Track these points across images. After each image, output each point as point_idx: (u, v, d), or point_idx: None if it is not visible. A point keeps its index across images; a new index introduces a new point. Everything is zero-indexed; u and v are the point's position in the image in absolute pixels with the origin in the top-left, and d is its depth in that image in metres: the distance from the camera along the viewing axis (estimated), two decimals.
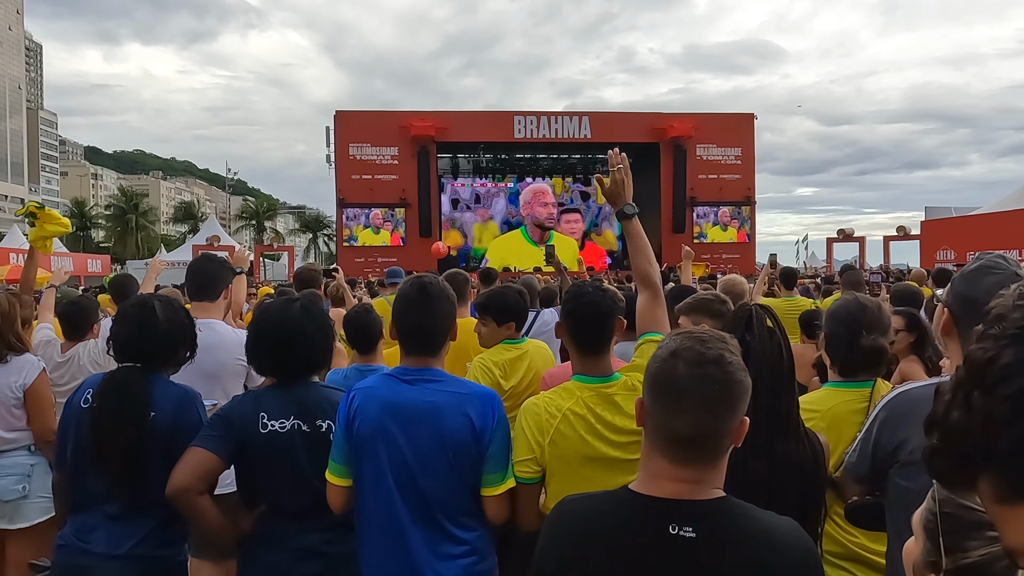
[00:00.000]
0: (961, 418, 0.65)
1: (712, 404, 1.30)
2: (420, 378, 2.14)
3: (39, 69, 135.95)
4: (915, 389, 1.99)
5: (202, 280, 3.32)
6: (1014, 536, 0.64)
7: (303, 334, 2.35)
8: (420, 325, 2.18)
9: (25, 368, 3.33)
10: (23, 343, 3.41)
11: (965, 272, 1.85)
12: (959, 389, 0.66)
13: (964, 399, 0.65)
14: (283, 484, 2.28)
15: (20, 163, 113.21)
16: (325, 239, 62.60)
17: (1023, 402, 0.61)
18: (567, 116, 28.63)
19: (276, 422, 2.28)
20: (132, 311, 2.49)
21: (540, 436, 2.08)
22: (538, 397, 2.20)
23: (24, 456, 3.37)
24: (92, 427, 2.34)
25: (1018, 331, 0.65)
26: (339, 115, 28.41)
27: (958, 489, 0.72)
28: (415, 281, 2.23)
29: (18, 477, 3.33)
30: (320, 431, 2.27)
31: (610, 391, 2.14)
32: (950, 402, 0.67)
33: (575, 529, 1.41)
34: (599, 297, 2.25)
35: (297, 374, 2.38)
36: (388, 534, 2.09)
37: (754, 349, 1.88)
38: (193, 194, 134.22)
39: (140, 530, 2.34)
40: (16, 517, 3.34)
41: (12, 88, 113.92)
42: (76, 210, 68.63)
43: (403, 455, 2.08)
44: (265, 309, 2.48)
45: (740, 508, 1.35)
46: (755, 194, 29.42)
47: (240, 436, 2.27)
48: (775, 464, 1.84)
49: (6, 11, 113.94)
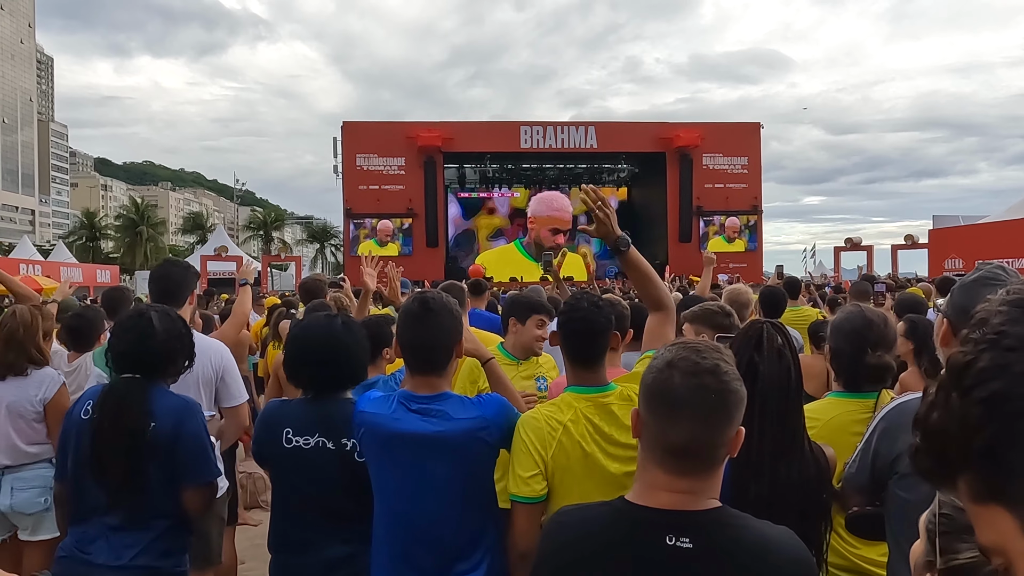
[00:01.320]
0: (940, 419, 0.67)
1: (708, 414, 1.31)
2: (428, 406, 2.09)
3: (50, 81, 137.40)
4: (913, 400, 1.98)
5: (166, 286, 3.30)
6: (987, 535, 0.66)
7: (346, 351, 2.38)
8: (424, 342, 2.15)
9: (46, 382, 3.37)
10: (44, 356, 3.46)
11: (964, 283, 1.84)
12: (940, 390, 0.68)
13: (944, 400, 0.67)
14: (308, 497, 2.30)
15: (31, 174, 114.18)
16: (332, 249, 62.79)
17: (996, 406, 0.63)
18: (573, 126, 28.67)
19: (301, 438, 2.30)
20: (130, 322, 2.50)
21: (543, 450, 2.05)
22: (535, 411, 2.17)
23: (46, 469, 3.39)
24: (92, 438, 2.35)
25: (996, 336, 0.66)
26: (346, 126, 28.55)
27: (941, 488, 0.74)
28: (418, 297, 2.20)
29: (40, 490, 3.35)
30: (345, 449, 2.27)
31: (606, 400, 2.12)
32: (932, 403, 0.68)
33: (572, 540, 1.41)
34: (592, 314, 2.19)
35: (330, 389, 2.39)
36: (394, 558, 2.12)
37: (762, 372, 1.86)
38: (202, 205, 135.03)
39: (141, 541, 2.35)
40: (39, 529, 3.36)
41: (23, 100, 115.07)
42: (86, 221, 69.10)
43: (404, 488, 2.09)
44: (307, 326, 2.49)
45: (736, 518, 1.35)
46: (762, 203, 29.39)
47: (260, 447, 2.33)
48: (777, 487, 1.82)
49: (18, 25, 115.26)
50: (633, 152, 29.33)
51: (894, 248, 27.42)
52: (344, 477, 2.25)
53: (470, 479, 2.08)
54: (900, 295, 5.66)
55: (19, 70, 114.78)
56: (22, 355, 3.34)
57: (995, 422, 0.62)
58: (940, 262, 19.89)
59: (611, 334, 2.23)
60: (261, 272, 29.69)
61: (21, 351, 3.34)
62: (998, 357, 0.65)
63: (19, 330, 3.35)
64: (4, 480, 3.35)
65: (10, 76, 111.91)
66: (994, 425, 0.62)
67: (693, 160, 28.17)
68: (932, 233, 23.62)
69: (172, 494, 2.39)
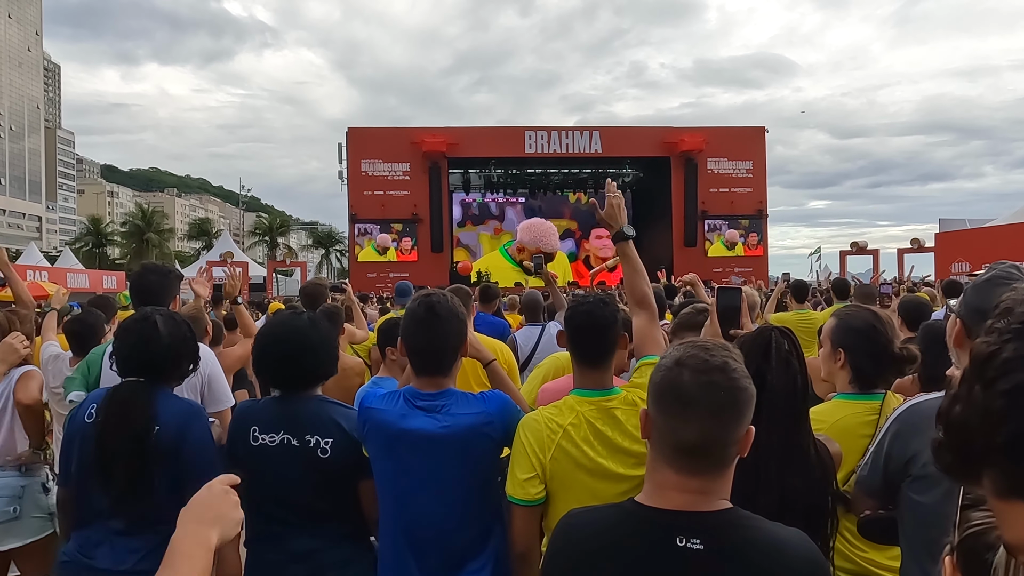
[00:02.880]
0: (963, 412, 0.64)
1: (718, 411, 1.30)
2: (433, 403, 2.11)
3: (57, 89, 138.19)
4: (927, 401, 1.96)
5: (145, 295, 3.27)
6: (1012, 532, 0.63)
7: (312, 348, 2.37)
8: (430, 345, 2.15)
9: (12, 378, 3.35)
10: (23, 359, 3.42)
11: (977, 283, 1.82)
12: (963, 383, 0.65)
13: (967, 393, 0.64)
14: (274, 494, 2.31)
15: (38, 181, 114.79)
16: (337, 255, 62.95)
17: (1020, 398, 0.60)
18: (577, 131, 28.67)
19: (267, 436, 2.32)
20: (134, 325, 2.49)
21: (541, 453, 2.05)
22: (537, 413, 2.16)
23: (15, 477, 3.37)
24: (96, 442, 2.33)
25: (1021, 325, 0.64)
26: (351, 131, 28.60)
27: (965, 483, 0.71)
28: (424, 300, 2.19)
29: (8, 499, 3.33)
30: (308, 446, 2.28)
31: (610, 404, 2.10)
32: (955, 395, 0.66)
33: (582, 541, 1.40)
34: (597, 308, 2.19)
35: (297, 387, 2.40)
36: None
37: (770, 381, 1.84)
38: (207, 211, 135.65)
39: (145, 545, 2.32)
40: (7, 538, 3.33)
41: (31, 108, 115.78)
42: (92, 227, 69.41)
43: (409, 484, 2.09)
44: (271, 323, 2.49)
45: (747, 519, 1.34)
46: (767, 207, 29.32)
47: (232, 446, 2.37)
48: (786, 498, 1.79)
49: (25, 34, 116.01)
50: (637, 157, 29.31)
51: (900, 252, 27.34)
52: (309, 473, 2.26)
53: (474, 475, 2.09)
54: (904, 297, 5.61)
55: (26, 78, 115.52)
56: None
57: (1019, 414, 0.60)
58: (947, 266, 19.82)
59: (618, 330, 2.21)
60: (267, 277, 29.74)
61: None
62: (1023, 347, 0.62)
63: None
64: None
65: (18, 84, 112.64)
66: (1018, 418, 0.60)
67: (698, 164, 28.13)
68: (939, 237, 23.56)
69: (177, 498, 2.36)
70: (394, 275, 24.03)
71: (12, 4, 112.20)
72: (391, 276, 24.61)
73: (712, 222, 28.48)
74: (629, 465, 2.02)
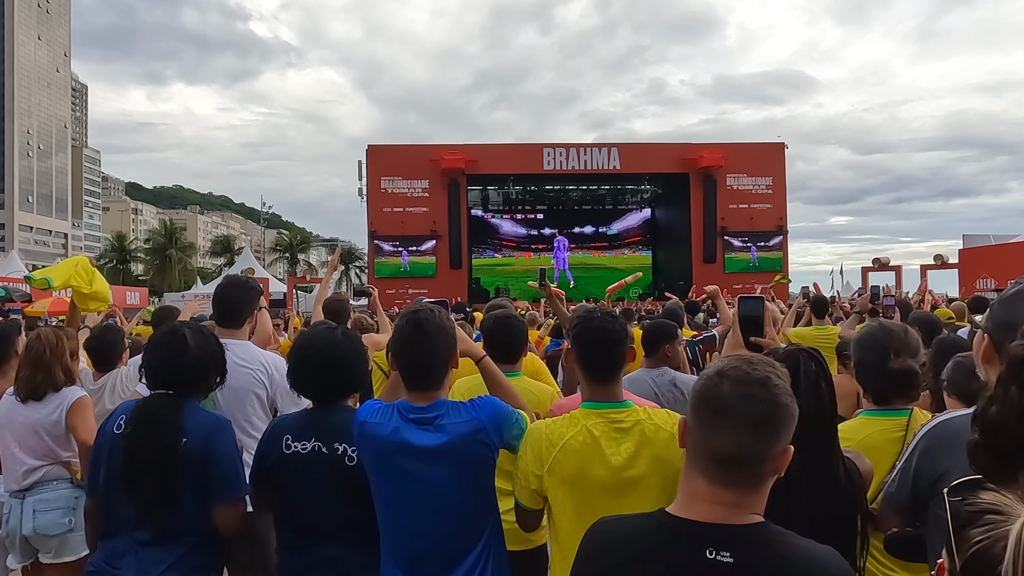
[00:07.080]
0: (999, 413, 0.64)
1: (754, 424, 1.30)
2: (426, 415, 2.13)
3: (84, 108, 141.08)
4: (957, 418, 1.94)
5: (223, 309, 3.34)
6: None
7: (346, 360, 2.43)
8: (419, 361, 2.19)
9: (66, 399, 3.41)
10: (70, 375, 3.51)
11: (1004, 297, 1.80)
12: (1000, 384, 0.65)
13: (1002, 394, 0.64)
14: (305, 501, 2.35)
15: (64, 199, 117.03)
16: (357, 271, 63.36)
17: None
18: (596, 148, 28.75)
19: (299, 444, 2.36)
20: (164, 339, 2.54)
21: (538, 467, 2.07)
22: (542, 423, 2.19)
23: (68, 489, 3.41)
24: (125, 453, 2.37)
25: None
26: (371, 149, 28.90)
27: (1001, 483, 0.71)
28: (411, 317, 2.21)
29: (63, 511, 3.37)
30: (336, 453, 2.32)
31: (618, 417, 2.09)
32: (991, 397, 0.66)
33: (610, 551, 1.39)
34: (607, 323, 2.19)
35: (330, 398, 2.45)
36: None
37: (799, 404, 1.84)
38: (229, 228, 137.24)
39: (170, 556, 2.35)
40: (63, 551, 3.37)
41: (58, 127, 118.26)
42: (117, 244, 70.46)
43: (404, 497, 2.11)
44: (309, 335, 2.52)
45: (779, 535, 1.32)
46: (787, 223, 29.16)
47: (263, 458, 2.41)
48: (817, 525, 1.77)
49: (54, 55, 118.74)
50: (656, 173, 29.32)
51: (923, 268, 27.02)
52: (337, 479, 2.31)
53: (470, 484, 2.11)
54: (913, 314, 5.43)
55: (54, 98, 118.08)
56: (48, 377, 3.39)
57: None
58: (971, 282, 19.57)
59: (627, 345, 2.21)
60: (287, 293, 29.97)
61: (48, 373, 3.39)
62: None
63: (45, 352, 3.42)
64: (26, 503, 3.36)
65: (46, 104, 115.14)
66: None
67: (717, 180, 28.08)
68: (962, 252, 23.29)
69: (202, 510, 2.41)
70: (412, 291, 24.16)
71: (42, 27, 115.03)
72: (410, 292, 24.75)
73: (731, 239, 28.34)
74: (630, 479, 2.01)
